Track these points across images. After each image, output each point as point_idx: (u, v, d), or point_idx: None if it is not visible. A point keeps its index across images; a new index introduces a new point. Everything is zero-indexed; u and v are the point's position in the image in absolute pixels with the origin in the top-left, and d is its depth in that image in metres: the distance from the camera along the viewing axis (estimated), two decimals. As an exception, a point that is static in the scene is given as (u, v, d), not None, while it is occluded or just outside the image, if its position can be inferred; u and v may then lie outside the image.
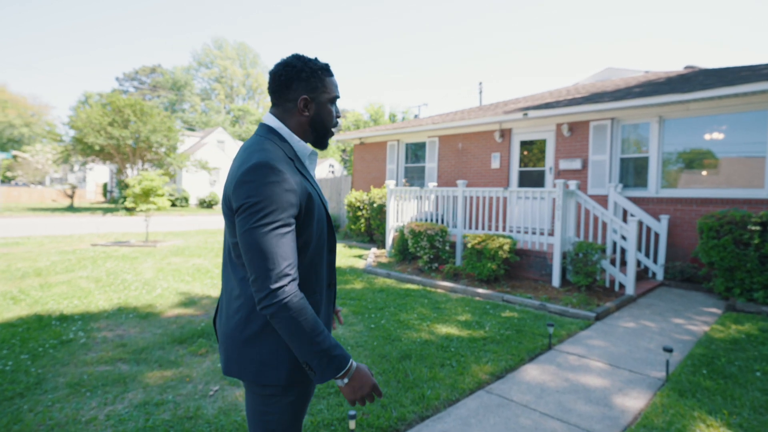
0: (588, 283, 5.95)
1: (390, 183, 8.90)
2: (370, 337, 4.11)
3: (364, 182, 13.04)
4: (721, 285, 5.94)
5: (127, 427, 2.52)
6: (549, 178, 9.00)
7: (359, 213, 10.85)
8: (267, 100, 70.87)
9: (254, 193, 1.13)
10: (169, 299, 5.32)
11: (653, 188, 7.66)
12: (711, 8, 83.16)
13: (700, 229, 6.08)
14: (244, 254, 1.16)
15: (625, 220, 7.69)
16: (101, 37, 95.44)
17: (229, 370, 1.29)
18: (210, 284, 6.18)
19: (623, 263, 7.05)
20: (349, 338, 4.09)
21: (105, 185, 36.11)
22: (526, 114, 8.82)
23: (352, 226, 11.10)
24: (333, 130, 1.42)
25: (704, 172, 7.29)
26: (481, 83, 24.58)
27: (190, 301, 5.25)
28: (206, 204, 30.52)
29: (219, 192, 32.78)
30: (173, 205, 28.94)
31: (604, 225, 7.62)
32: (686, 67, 10.70)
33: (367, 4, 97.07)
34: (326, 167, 44.34)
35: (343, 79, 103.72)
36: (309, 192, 1.25)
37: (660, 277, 7.15)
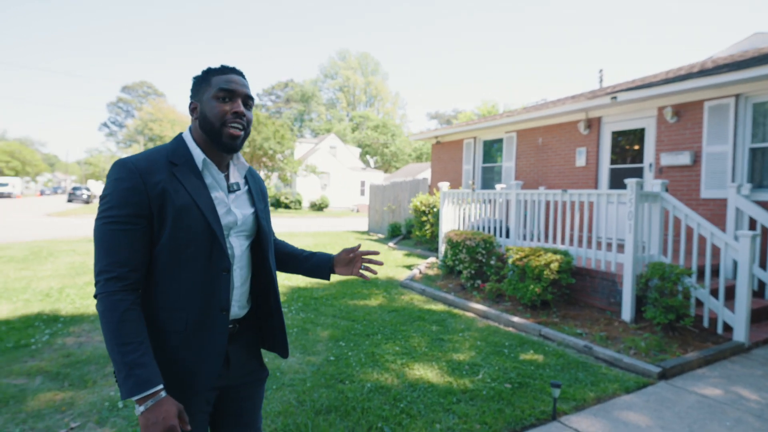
0: (669, 321, 4.30)
1: (444, 185, 7.89)
2: (315, 374, 3.34)
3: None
4: None
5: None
6: (648, 176, 7.06)
7: (424, 218, 9.94)
8: (387, 106, 72.94)
9: (105, 188, 1.18)
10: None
11: (801, 189, 5.40)
12: None
13: None
14: None
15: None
16: (255, 61, 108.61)
17: None
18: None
19: (731, 296, 5.03)
20: (286, 372, 3.37)
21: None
22: (614, 98, 7.04)
23: (417, 233, 10.23)
24: (233, 128, 1.24)
25: None
26: (601, 70, 21.40)
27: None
28: (317, 207, 32.11)
29: (329, 195, 34.35)
30: (287, 207, 31.03)
31: (703, 240, 5.59)
32: None
33: (487, 10, 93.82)
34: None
35: (458, 83, 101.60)
36: (167, 197, 1.17)
37: (807, 316, 4.96)
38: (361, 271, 1.55)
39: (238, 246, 1.33)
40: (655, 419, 2.89)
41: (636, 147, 7.37)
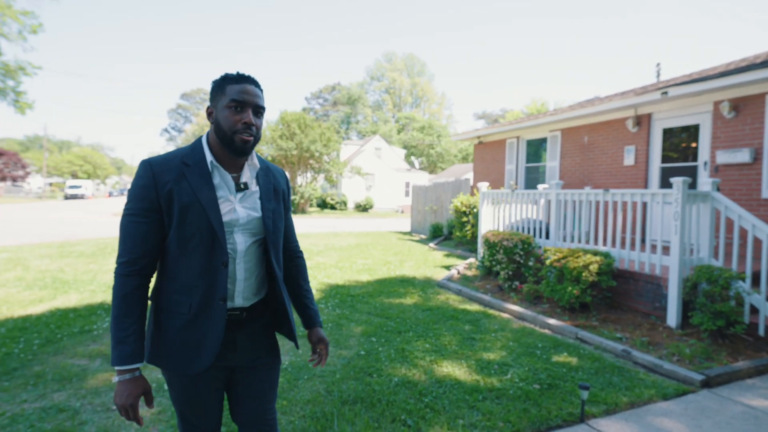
0: (717, 327, 4.06)
1: (483, 185, 7.83)
2: (345, 367, 3.46)
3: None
4: None
5: None
6: (703, 175, 6.66)
7: (464, 219, 9.88)
8: (433, 107, 72.64)
9: (131, 183, 1.34)
10: None
11: None
12: None
13: None
14: None
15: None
16: (304, 64, 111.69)
17: None
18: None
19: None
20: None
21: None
22: (665, 93, 6.70)
23: (458, 233, 10.17)
24: (243, 135, 1.34)
25: None
26: (658, 65, 20.25)
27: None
28: (362, 207, 32.54)
29: (374, 196, 34.68)
30: (332, 208, 31.64)
31: (758, 242, 5.18)
32: None
33: (543, 15, 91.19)
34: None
35: (508, 83, 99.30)
36: (174, 196, 1.31)
37: None
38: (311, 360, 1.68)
39: (242, 242, 1.42)
40: (691, 427, 2.77)
41: (692, 144, 6.97)
